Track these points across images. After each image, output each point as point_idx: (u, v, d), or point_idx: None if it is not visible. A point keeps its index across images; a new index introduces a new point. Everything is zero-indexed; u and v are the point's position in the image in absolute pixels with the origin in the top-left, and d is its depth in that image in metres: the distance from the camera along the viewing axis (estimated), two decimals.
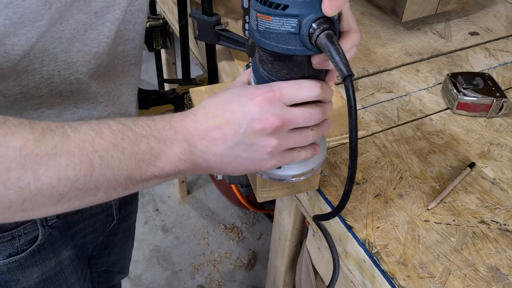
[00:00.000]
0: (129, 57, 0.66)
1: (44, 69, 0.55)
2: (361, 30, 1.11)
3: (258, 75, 0.50)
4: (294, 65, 0.47)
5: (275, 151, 0.48)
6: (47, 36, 0.52)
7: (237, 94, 0.48)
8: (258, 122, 0.46)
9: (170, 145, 0.45)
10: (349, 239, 0.68)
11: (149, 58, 2.76)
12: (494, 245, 0.66)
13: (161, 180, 0.47)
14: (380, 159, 0.79)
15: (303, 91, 0.47)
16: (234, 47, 0.95)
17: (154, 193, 2.10)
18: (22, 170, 0.38)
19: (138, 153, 0.43)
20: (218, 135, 0.47)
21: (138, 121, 0.45)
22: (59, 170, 0.40)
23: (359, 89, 0.94)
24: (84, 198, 0.43)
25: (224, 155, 0.47)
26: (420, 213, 0.70)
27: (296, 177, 0.56)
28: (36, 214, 0.42)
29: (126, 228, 0.98)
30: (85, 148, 0.41)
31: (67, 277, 0.78)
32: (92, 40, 0.57)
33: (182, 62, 1.29)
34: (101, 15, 0.56)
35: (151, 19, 1.44)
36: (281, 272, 1.10)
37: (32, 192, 0.39)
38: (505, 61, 1.03)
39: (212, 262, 1.84)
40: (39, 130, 0.40)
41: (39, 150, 0.39)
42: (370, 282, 0.66)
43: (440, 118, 0.87)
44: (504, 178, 0.76)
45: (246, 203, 1.82)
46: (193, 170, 0.48)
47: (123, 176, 0.43)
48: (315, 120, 0.49)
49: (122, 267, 1.11)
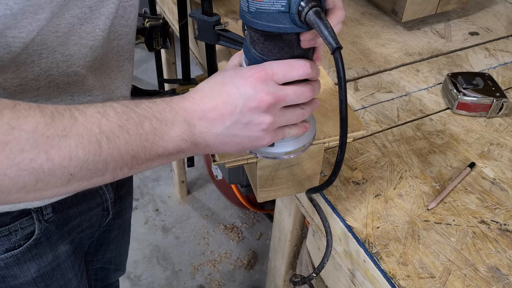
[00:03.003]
0: (123, 52, 0.68)
1: (42, 61, 0.56)
2: (361, 30, 1.11)
3: (250, 56, 0.53)
4: (284, 44, 0.49)
5: (269, 128, 0.50)
6: (45, 30, 0.54)
7: (231, 76, 0.50)
8: (252, 100, 0.48)
9: (171, 126, 0.47)
10: (349, 239, 0.68)
11: (149, 58, 2.77)
12: (494, 245, 0.66)
13: (164, 159, 0.49)
14: (380, 159, 0.79)
15: (294, 70, 0.49)
16: (234, 47, 0.95)
17: (154, 193, 2.10)
18: (35, 151, 0.39)
19: (142, 134, 0.45)
20: (216, 116, 0.49)
21: (140, 103, 0.47)
22: (70, 150, 0.41)
23: (359, 89, 0.94)
24: (92, 178, 0.44)
25: (222, 135, 0.50)
26: (420, 213, 0.70)
27: (288, 154, 0.59)
28: (47, 195, 0.43)
29: (121, 224, 0.99)
30: (93, 129, 0.43)
31: (64, 272, 0.79)
32: (88, 33, 0.59)
33: (182, 62, 1.29)
34: (95, 9, 0.58)
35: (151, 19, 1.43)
36: (281, 272, 1.10)
37: (45, 172, 0.40)
38: (505, 61, 1.03)
39: (212, 262, 1.84)
40: (49, 113, 0.41)
41: (50, 132, 0.40)
42: (370, 282, 0.66)
43: (440, 118, 0.87)
44: (504, 178, 0.76)
45: (246, 203, 1.82)
46: (193, 150, 0.50)
47: (129, 156, 0.45)
48: (306, 98, 0.51)
49: (118, 264, 1.12)
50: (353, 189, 0.74)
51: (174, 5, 1.21)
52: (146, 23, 1.42)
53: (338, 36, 0.45)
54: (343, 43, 1.06)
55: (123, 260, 1.14)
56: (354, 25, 1.13)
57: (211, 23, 0.93)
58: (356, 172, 0.76)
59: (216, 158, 0.60)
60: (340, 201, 0.72)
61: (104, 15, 0.59)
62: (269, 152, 0.58)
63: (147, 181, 2.14)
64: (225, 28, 0.94)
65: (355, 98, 0.92)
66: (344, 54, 1.03)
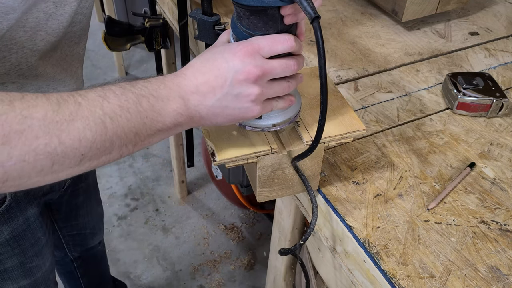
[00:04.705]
0: (75, 37, 0.73)
1: (13, 56, 0.61)
2: (361, 30, 1.11)
3: (237, 31, 0.56)
4: (268, 19, 0.53)
5: (258, 99, 0.54)
6: (14, 26, 0.57)
7: (220, 51, 0.53)
8: (241, 73, 0.51)
9: (167, 102, 0.51)
10: (349, 239, 0.68)
11: (149, 58, 2.77)
12: (494, 245, 0.66)
13: (164, 134, 0.52)
14: (380, 159, 0.79)
15: (279, 44, 0.53)
16: None
17: (154, 193, 2.10)
18: (48, 136, 0.43)
19: (141, 111, 0.49)
20: (208, 89, 0.52)
21: (136, 84, 0.51)
22: (79, 133, 0.45)
23: (359, 89, 0.94)
24: (101, 156, 0.48)
25: (214, 107, 0.53)
26: (420, 213, 0.70)
27: (275, 126, 0.62)
28: (63, 175, 0.47)
29: (86, 189, 1.08)
30: (96, 112, 0.46)
31: (34, 232, 0.88)
32: (54, 30, 0.64)
33: (182, 62, 1.29)
34: (59, 6, 0.62)
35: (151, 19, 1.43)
36: (281, 272, 1.10)
37: (59, 155, 0.44)
38: (505, 61, 1.03)
39: (212, 262, 1.84)
40: (54, 100, 0.44)
41: (58, 118, 0.44)
42: (370, 282, 0.66)
43: (440, 118, 0.87)
44: (504, 178, 0.76)
45: (246, 203, 1.82)
46: (189, 123, 0.54)
47: (132, 133, 0.49)
48: (291, 70, 0.55)
49: (93, 228, 1.20)
50: (353, 189, 0.74)
51: (174, 5, 1.21)
52: (146, 23, 1.42)
53: (337, 36, 0.47)
54: (343, 43, 1.06)
55: (97, 224, 1.23)
56: (354, 25, 1.13)
57: (211, 23, 0.93)
58: (356, 172, 0.76)
59: (216, 158, 0.60)
60: (340, 201, 0.72)
61: (68, 12, 0.64)
62: (257, 124, 0.61)
63: (147, 181, 2.14)
64: (225, 28, 0.94)
65: (355, 98, 0.92)
66: (344, 54, 1.03)
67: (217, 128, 0.63)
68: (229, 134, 0.63)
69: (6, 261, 0.85)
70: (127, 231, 1.95)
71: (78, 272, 1.29)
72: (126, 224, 1.97)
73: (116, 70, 2.69)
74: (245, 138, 0.63)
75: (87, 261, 1.29)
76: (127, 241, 1.91)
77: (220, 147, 0.61)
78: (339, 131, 0.64)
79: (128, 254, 1.86)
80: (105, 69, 2.74)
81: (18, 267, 0.88)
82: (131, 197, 2.08)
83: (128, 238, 1.92)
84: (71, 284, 1.35)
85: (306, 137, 0.63)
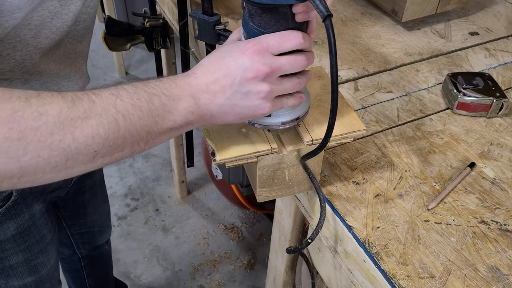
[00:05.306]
0: (78, 35, 0.73)
1: (17, 54, 0.62)
2: (361, 30, 1.11)
3: (248, 29, 0.56)
4: (280, 16, 0.53)
5: (268, 96, 0.54)
6: (19, 24, 0.58)
7: (229, 50, 0.54)
8: (250, 71, 0.52)
9: (179, 101, 0.51)
10: (349, 239, 0.68)
11: (149, 58, 2.77)
12: (494, 245, 0.66)
13: (175, 132, 0.53)
14: (380, 159, 0.79)
15: (288, 41, 0.53)
16: None
17: (154, 193, 2.10)
18: (62, 133, 0.44)
19: (153, 110, 0.50)
20: (218, 88, 0.53)
21: (148, 83, 0.51)
22: (92, 130, 0.46)
23: (359, 89, 0.94)
24: (114, 153, 0.49)
25: (224, 105, 0.53)
26: (420, 213, 0.70)
27: (284, 124, 0.62)
28: (76, 172, 0.48)
29: (92, 186, 1.09)
30: (109, 110, 0.47)
31: (39, 229, 0.88)
32: (58, 29, 0.64)
33: (182, 62, 1.29)
34: (64, 4, 0.63)
35: (151, 19, 1.43)
36: (281, 272, 1.10)
37: (72, 151, 0.45)
38: (505, 61, 1.03)
39: (212, 262, 1.84)
40: (69, 98, 0.45)
41: (73, 115, 0.45)
42: (370, 282, 0.66)
43: (440, 118, 0.87)
44: (504, 178, 0.76)
45: (246, 203, 1.82)
46: (200, 121, 0.54)
47: (144, 131, 0.50)
48: (301, 66, 0.55)
49: (101, 226, 1.21)
50: (353, 189, 0.74)
51: (174, 5, 1.21)
52: (146, 23, 1.42)
53: (337, 36, 0.47)
54: (343, 43, 1.06)
55: (105, 221, 1.24)
56: (354, 25, 1.13)
57: (211, 23, 0.93)
58: (356, 172, 0.76)
59: (217, 158, 0.60)
60: (340, 201, 0.72)
61: (72, 12, 0.65)
62: (266, 122, 0.61)
63: (147, 181, 2.14)
64: (225, 28, 0.94)
65: (355, 98, 0.92)
66: (344, 54, 1.03)
67: (217, 128, 0.63)
68: (230, 134, 0.63)
69: (11, 257, 0.86)
70: (127, 231, 1.95)
71: (84, 271, 1.30)
72: (126, 224, 1.97)
73: (116, 70, 2.69)
74: (246, 137, 0.63)
75: (94, 260, 1.30)
76: (127, 241, 1.91)
77: (220, 146, 0.61)
78: (339, 131, 0.64)
79: (128, 254, 1.86)
80: (105, 69, 2.74)
81: (23, 264, 0.89)
82: (131, 197, 2.08)
83: (128, 238, 1.92)
84: (76, 283, 1.36)
85: (307, 137, 0.63)
